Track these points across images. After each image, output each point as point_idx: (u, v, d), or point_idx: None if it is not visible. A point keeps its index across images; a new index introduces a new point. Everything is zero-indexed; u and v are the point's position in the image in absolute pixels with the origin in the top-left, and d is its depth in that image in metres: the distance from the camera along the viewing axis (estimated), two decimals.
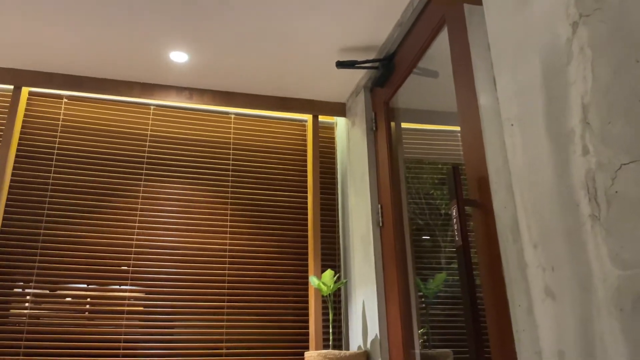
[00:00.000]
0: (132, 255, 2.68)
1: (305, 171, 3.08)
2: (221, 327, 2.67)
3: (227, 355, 2.63)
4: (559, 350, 1.16)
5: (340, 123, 3.22)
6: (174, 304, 2.66)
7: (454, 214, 1.61)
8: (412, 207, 2.55)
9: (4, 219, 2.57)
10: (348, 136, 3.03)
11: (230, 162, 2.99)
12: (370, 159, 2.67)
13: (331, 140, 3.21)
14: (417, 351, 2.21)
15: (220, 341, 2.65)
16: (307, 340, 2.73)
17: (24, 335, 2.44)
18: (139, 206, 2.78)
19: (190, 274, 2.73)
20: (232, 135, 3.05)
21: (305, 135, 3.16)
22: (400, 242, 2.41)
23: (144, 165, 2.86)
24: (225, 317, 2.69)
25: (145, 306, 2.63)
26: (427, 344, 2.31)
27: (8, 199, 2.61)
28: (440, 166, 2.55)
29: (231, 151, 3.01)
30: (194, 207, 2.85)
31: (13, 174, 2.66)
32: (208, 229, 2.83)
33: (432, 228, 2.47)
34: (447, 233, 2.34)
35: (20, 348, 2.42)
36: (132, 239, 2.71)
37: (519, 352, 1.34)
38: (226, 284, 2.75)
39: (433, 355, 2.23)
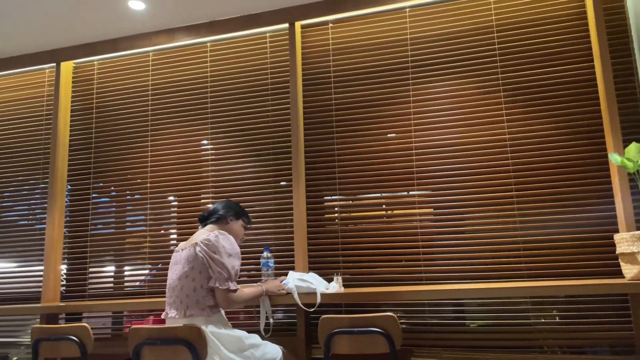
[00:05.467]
0: (414, 158, 2.82)
1: (588, 37, 2.65)
2: (512, 216, 2.63)
3: (524, 242, 2.60)
4: None
5: None
6: (460, 199, 2.73)
7: None
8: None
9: (305, 140, 3.00)
10: None
11: (496, 45, 2.79)
12: None
13: None
14: None
15: (515, 229, 2.62)
16: (614, 223, 2.47)
17: (339, 234, 2.88)
18: (412, 110, 2.87)
19: (472, 167, 2.73)
20: (493, 17, 2.82)
21: None
22: None
23: (409, 70, 2.91)
24: (515, 206, 2.63)
25: (434, 202, 2.77)
26: None
27: (305, 123, 3.02)
28: None
29: (495, 34, 2.80)
30: (465, 100, 2.80)
31: (304, 101, 3.05)
32: (483, 120, 2.75)
33: None
34: None
35: (339, 244, 2.87)
36: (411, 143, 2.84)
37: None
38: (511, 174, 2.66)
39: None
